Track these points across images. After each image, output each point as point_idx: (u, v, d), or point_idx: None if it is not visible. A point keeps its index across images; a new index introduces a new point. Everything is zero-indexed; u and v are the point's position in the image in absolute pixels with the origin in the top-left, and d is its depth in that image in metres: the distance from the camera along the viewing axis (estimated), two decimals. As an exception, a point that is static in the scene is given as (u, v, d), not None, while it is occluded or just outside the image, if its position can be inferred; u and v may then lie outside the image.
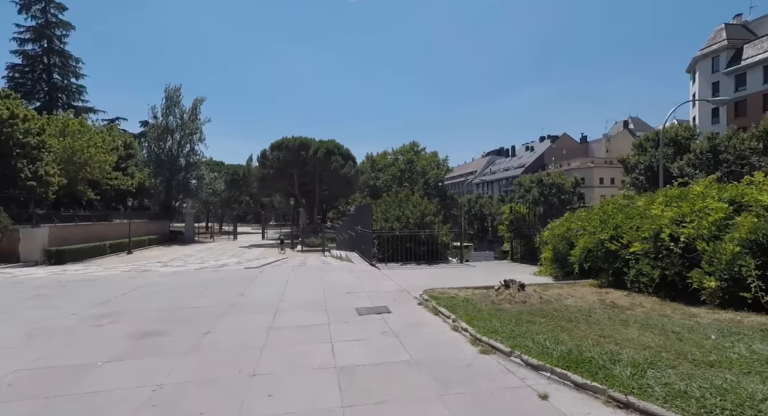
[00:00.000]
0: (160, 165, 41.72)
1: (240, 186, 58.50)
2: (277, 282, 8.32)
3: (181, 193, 43.65)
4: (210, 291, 7.39)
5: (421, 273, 9.18)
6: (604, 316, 4.35)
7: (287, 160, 37.61)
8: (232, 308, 5.99)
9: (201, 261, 19.29)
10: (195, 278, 9.14)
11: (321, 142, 38.42)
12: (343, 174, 36.72)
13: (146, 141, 43.86)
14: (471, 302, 5.48)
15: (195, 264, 15.51)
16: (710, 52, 40.38)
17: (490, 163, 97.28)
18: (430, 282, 7.81)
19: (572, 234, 7.49)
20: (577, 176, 60.29)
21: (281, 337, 4.51)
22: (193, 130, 43.37)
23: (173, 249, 32.82)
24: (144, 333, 4.76)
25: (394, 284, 7.69)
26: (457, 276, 8.46)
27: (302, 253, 28.51)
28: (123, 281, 8.93)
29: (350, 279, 8.43)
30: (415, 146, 62.15)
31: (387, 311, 5.53)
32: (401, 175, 57.63)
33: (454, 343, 4.09)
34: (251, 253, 27.45)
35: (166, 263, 17.28)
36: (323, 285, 7.76)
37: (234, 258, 22.14)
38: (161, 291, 7.47)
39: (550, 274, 8.00)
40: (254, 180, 40.73)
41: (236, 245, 36.73)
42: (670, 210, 5.41)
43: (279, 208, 62.03)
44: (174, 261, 19.04)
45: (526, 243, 10.88)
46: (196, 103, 43.72)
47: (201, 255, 26.32)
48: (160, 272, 10.73)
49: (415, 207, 11.67)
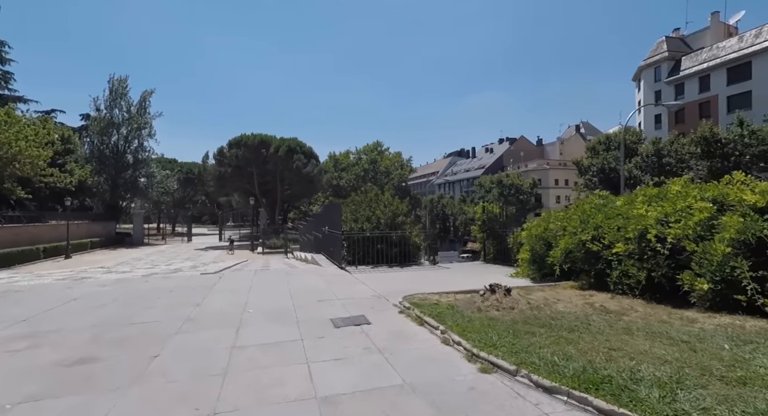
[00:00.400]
0: (105, 161, 38.47)
1: (195, 185, 55.37)
2: (239, 288, 7.53)
3: (129, 191, 40.51)
4: (160, 301, 6.49)
5: (395, 276, 8.72)
6: (604, 324, 4.08)
7: (246, 157, 35.90)
8: (186, 323, 5.20)
9: (151, 266, 17.72)
10: (142, 286, 8.11)
11: (282, 140, 37.02)
12: (305, 173, 35.59)
13: (88, 135, 40.31)
14: (456, 309, 5.08)
15: (144, 269, 14.13)
16: (653, 62, 43.24)
17: (452, 164, 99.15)
18: (406, 286, 7.36)
19: (550, 234, 7.33)
20: (535, 177, 62.73)
21: (247, 359, 3.85)
22: (142, 125, 40.37)
23: (120, 253, 30.25)
24: (73, 360, 3.91)
25: (369, 289, 7.16)
26: (434, 280, 8.07)
27: (263, 255, 27.22)
28: (54, 292, 7.73)
29: (320, 285, 7.79)
30: (379, 146, 61.81)
31: (366, 322, 5.00)
32: (365, 174, 57.07)
33: (448, 360, 3.63)
34: (207, 256, 25.79)
35: (110, 268, 15.66)
36: (291, 292, 7.07)
37: (188, 261, 20.59)
38: (100, 303, 6.46)
39: (527, 276, 7.82)
40: (210, 178, 38.54)
41: (191, 247, 34.53)
42: (654, 210, 5.31)
43: (237, 208, 59.44)
44: (120, 266, 17.35)
45: (498, 244, 10.73)
46: (145, 96, 40.75)
47: (151, 259, 24.36)
48: (101, 280, 9.50)
49: (386, 207, 11.20)
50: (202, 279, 8.91)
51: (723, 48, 37.63)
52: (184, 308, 5.99)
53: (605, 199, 7.46)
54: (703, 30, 42.97)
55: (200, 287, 7.81)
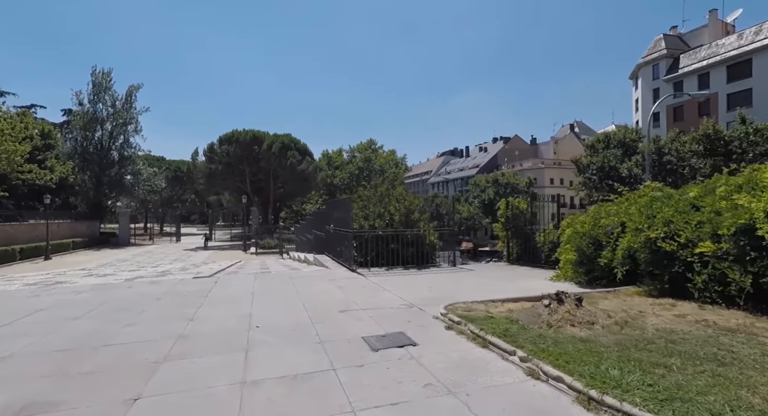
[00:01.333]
0: (88, 158, 36.68)
1: (184, 183, 53.59)
2: (240, 296, 6.40)
3: (114, 189, 38.74)
4: (146, 314, 5.33)
5: (417, 280, 7.66)
6: (750, 351, 3.07)
7: (238, 154, 34.51)
8: (179, 343, 4.07)
9: (137, 267, 16.39)
10: (125, 293, 6.91)
11: (276, 136, 35.71)
12: (300, 170, 34.32)
13: (70, 130, 38.44)
14: (520, 325, 4.05)
15: (128, 272, 12.85)
16: (651, 60, 42.92)
17: (445, 163, 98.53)
18: (436, 293, 6.31)
19: (601, 232, 6.37)
20: (530, 176, 62.21)
21: (266, 404, 2.75)
22: (128, 120, 38.64)
23: (104, 254, 28.64)
24: (20, 405, 2.78)
25: (395, 297, 6.10)
26: (464, 285, 7.04)
27: (257, 256, 25.93)
28: (18, 301, 6.50)
29: (335, 291, 6.69)
30: (373, 144, 60.73)
31: (410, 342, 3.93)
32: (359, 173, 55.93)
33: (556, 408, 2.59)
34: (198, 257, 24.40)
35: (91, 271, 14.30)
36: (302, 300, 5.97)
37: (177, 263, 19.25)
38: (72, 316, 5.28)
39: (572, 280, 6.84)
40: (200, 176, 37.02)
41: (180, 248, 33.01)
42: (760, 201, 4.34)
43: (228, 207, 57.77)
44: (102, 268, 15.99)
45: (522, 243, 9.75)
46: (131, 90, 39.02)
47: (137, 260, 22.93)
48: (77, 285, 8.26)
49: (399, 202, 10.13)
50: (195, 284, 7.73)
51: (722, 45, 37.38)
52: (175, 323, 4.84)
53: (661, 190, 6.52)
54: (700, 28, 42.78)
55: (193, 294, 6.65)
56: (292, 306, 5.63)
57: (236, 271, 11.29)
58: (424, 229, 9.94)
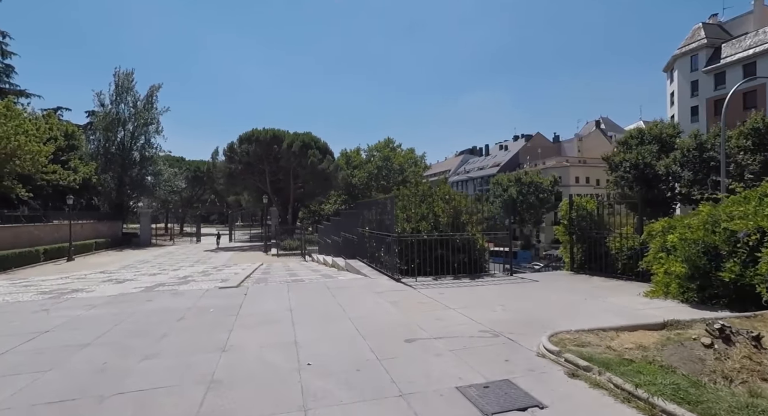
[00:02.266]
0: (110, 159, 36.74)
1: (204, 183, 53.63)
2: (276, 314, 5.38)
3: (135, 190, 38.74)
4: (167, 341, 4.35)
5: (480, 295, 6.50)
6: None
7: (257, 153, 33.94)
8: (210, 396, 3.03)
9: (158, 270, 15.71)
10: (143, 309, 5.97)
11: (296, 135, 35.00)
12: (320, 169, 33.50)
13: (93, 131, 38.58)
14: (685, 377, 2.87)
15: (148, 276, 12.08)
16: (688, 50, 40.45)
17: (464, 162, 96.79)
18: (513, 313, 5.15)
19: (720, 239, 5.10)
20: (555, 175, 60.00)
21: None
22: (149, 120, 38.62)
23: (125, 254, 28.39)
24: None
25: (464, 318, 4.97)
26: (543, 302, 5.84)
27: (278, 258, 25.17)
28: (24, 317, 5.64)
29: (387, 308, 5.61)
30: (390, 143, 59.57)
31: (531, 400, 2.80)
32: (378, 172, 54.91)
33: None
34: (219, 258, 23.78)
35: (111, 274, 13.64)
36: (353, 322, 4.90)
37: (199, 265, 18.56)
38: (79, 342, 4.33)
39: (676, 297, 5.58)
40: (220, 176, 36.63)
41: (200, 248, 32.61)
42: None
43: (247, 207, 57.61)
44: (123, 272, 15.36)
45: (588, 249, 8.47)
46: (152, 90, 39.01)
47: (159, 262, 22.45)
48: (93, 295, 7.40)
49: (446, 202, 8.98)
50: (222, 297, 6.76)
51: (770, 33, 34.83)
52: (204, 356, 3.83)
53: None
54: (745, 15, 40.11)
55: (221, 311, 5.66)
56: (343, 331, 4.56)
57: (263, 277, 10.33)
58: (473, 233, 8.77)
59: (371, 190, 53.08)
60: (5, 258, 19.71)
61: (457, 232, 8.54)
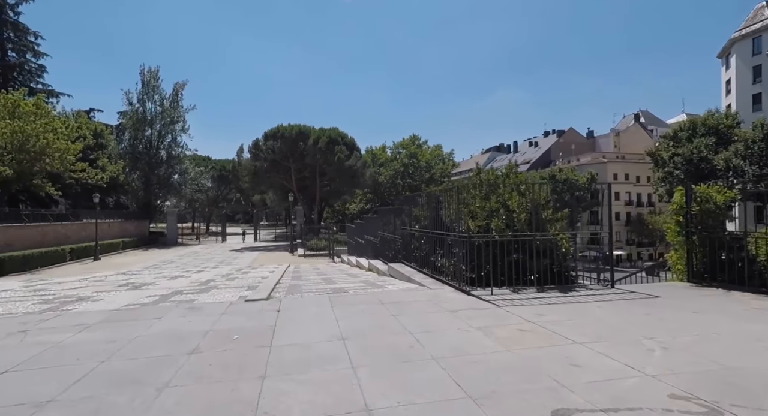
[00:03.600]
0: (138, 157, 36.56)
1: (229, 182, 53.35)
2: (326, 348, 3.78)
3: (162, 189, 38.47)
4: (165, 398, 2.82)
5: (599, 318, 4.71)
6: None
7: (283, 151, 32.86)
8: None
9: (180, 271, 14.59)
10: (147, 333, 4.49)
11: (322, 131, 33.74)
12: (348, 166, 32.09)
13: (121, 131, 38.52)
14: None
15: (169, 279, 10.83)
16: (750, 32, 36.71)
17: (491, 160, 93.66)
18: (684, 357, 3.38)
19: None
20: (591, 172, 56.56)
21: None
22: (175, 119, 38.32)
23: (151, 254, 27.82)
24: None
25: (614, 363, 3.23)
26: (714, 336, 4.01)
27: (305, 258, 23.85)
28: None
29: (481, 341, 3.92)
30: (416, 139, 57.68)
31: None
32: (404, 170, 53.19)
33: None
34: (244, 259, 22.67)
35: (131, 276, 12.55)
36: (439, 363, 3.26)
37: (223, 266, 17.39)
38: (34, 399, 2.87)
39: None
40: (245, 174, 35.83)
41: (225, 248, 31.83)
42: None
43: (272, 206, 57.05)
44: (145, 273, 14.33)
45: (713, 252, 6.49)
46: (177, 88, 38.66)
47: (183, 262, 21.55)
48: (91, 311, 6.04)
49: (522, 194, 7.19)
50: (248, 316, 5.24)
51: None
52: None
53: None
54: (813, -9, 36.07)
55: (248, 338, 4.13)
56: (435, 385, 2.91)
57: (296, 285, 8.83)
58: (556, 232, 6.95)
59: (397, 189, 51.38)
60: (30, 258, 19.16)
61: (537, 232, 6.74)
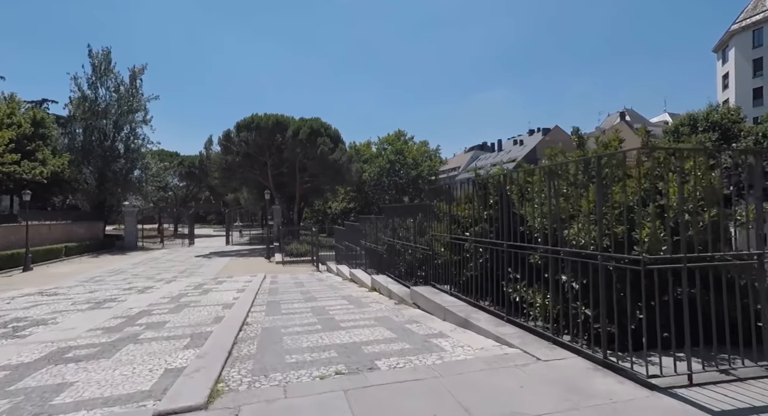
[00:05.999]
0: (90, 150, 31.85)
1: (198, 179, 48.74)
2: None
3: (119, 186, 33.76)
4: None
5: None
6: None
7: (258, 143, 29.03)
8: None
9: (120, 290, 10.83)
10: None
11: (303, 121, 30.09)
12: (332, 160, 28.58)
13: (70, 121, 33.56)
14: None
15: (98, 309, 7.19)
16: (750, 24, 35.51)
17: (474, 159, 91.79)
18: None
19: None
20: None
21: None
22: (134, 108, 33.71)
23: (100, 262, 23.47)
24: None
25: None
26: None
27: (284, 266, 20.24)
28: None
29: None
30: (402, 135, 54.65)
31: None
32: (390, 166, 50.05)
33: None
34: (210, 268, 18.86)
35: (52, 298, 8.78)
36: None
37: (181, 279, 13.65)
38: None
39: None
40: (215, 169, 31.73)
41: (191, 253, 27.72)
42: None
43: (246, 205, 52.62)
44: (72, 292, 10.54)
45: None
46: (135, 73, 34.07)
47: (134, 272, 17.57)
48: None
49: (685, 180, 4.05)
50: None
51: None
52: None
53: None
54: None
55: None
56: None
57: (271, 329, 5.41)
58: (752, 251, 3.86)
59: (383, 187, 48.13)
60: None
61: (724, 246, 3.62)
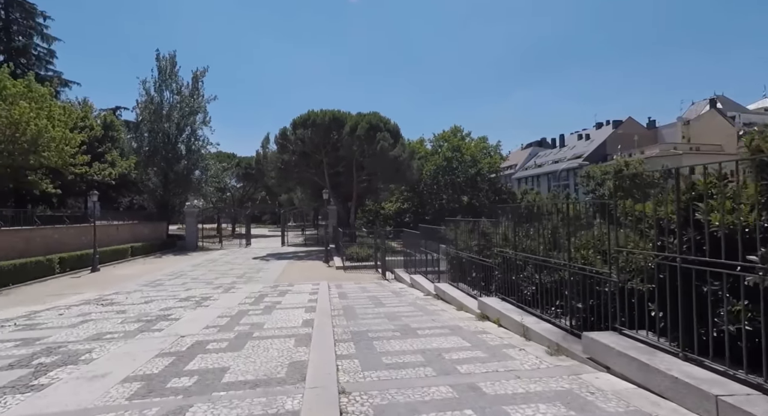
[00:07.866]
0: (155, 152, 32.58)
1: (254, 179, 49.18)
2: None
3: (180, 187, 34.31)
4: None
5: None
6: None
7: (314, 141, 27.86)
8: None
9: (183, 296, 9.54)
10: None
11: (360, 116, 28.53)
12: (392, 157, 26.69)
13: (138, 124, 34.65)
14: None
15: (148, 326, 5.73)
16: None
17: (533, 156, 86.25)
18: None
19: None
20: (666, 165, 48.89)
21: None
22: (195, 109, 34.10)
23: (163, 263, 23.36)
24: None
25: None
26: None
27: (345, 272, 18.55)
28: None
29: None
30: (458, 131, 51.62)
31: None
32: (447, 164, 47.38)
33: None
34: (269, 272, 17.61)
35: (106, 305, 7.60)
36: None
37: (240, 286, 12.25)
38: None
39: None
40: (271, 169, 31.10)
41: (249, 254, 27.12)
42: None
43: (299, 205, 52.40)
44: (129, 300, 9.44)
45: None
46: (197, 75, 34.48)
47: (195, 274, 16.78)
48: None
49: None
50: None
51: None
52: None
53: None
54: None
55: None
56: None
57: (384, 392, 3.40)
58: None
59: (439, 185, 45.59)
60: (3, 272, 14.78)
61: None
